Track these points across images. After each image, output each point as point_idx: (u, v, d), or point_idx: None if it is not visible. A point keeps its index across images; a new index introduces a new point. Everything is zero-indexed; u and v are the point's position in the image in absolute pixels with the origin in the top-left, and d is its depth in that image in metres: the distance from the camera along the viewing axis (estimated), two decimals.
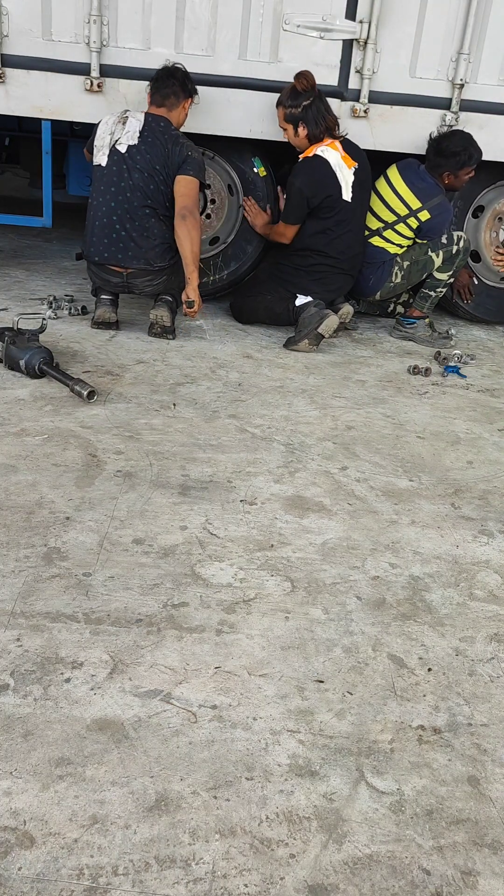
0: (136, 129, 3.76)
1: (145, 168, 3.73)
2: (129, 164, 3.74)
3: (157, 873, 1.33)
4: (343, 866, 1.38)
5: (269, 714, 1.69)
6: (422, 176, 4.23)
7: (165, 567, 2.14)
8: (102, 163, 3.80)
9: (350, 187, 4.05)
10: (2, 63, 3.96)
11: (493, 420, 3.42)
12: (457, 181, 4.23)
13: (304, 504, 2.55)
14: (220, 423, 3.08)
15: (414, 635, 1.99)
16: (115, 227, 3.79)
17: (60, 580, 2.04)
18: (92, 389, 3.08)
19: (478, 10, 4.04)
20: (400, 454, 2.98)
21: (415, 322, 4.38)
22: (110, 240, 3.81)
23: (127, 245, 3.79)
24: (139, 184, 3.74)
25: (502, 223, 4.71)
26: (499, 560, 2.36)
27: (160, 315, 3.94)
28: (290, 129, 4.04)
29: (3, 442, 2.74)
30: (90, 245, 3.87)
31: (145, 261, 3.81)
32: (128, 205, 3.76)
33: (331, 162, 4.00)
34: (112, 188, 3.78)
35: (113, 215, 3.79)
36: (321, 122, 3.99)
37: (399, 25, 4.04)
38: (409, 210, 4.24)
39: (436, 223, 4.26)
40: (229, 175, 4.47)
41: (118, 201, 3.77)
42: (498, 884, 1.38)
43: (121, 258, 3.81)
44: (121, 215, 3.78)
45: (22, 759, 1.52)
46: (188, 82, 3.86)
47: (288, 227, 4.20)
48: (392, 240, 4.31)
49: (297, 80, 3.91)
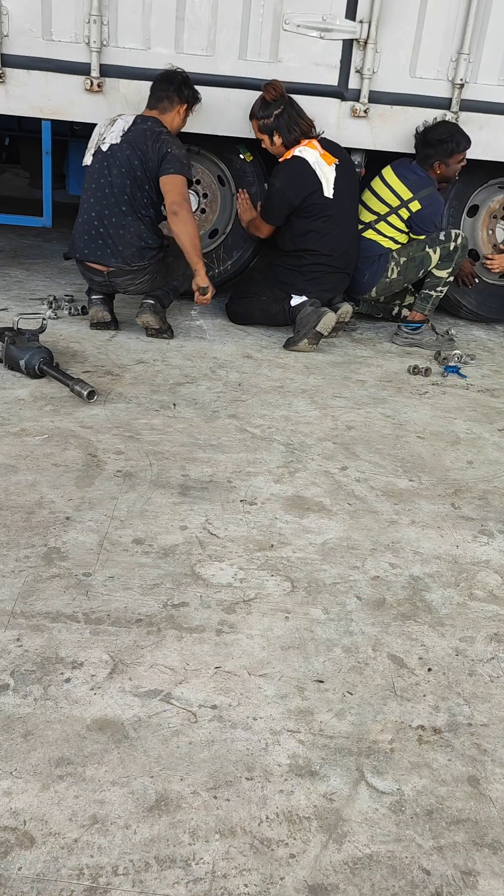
0: (120, 129, 3.76)
1: (124, 165, 3.72)
2: (110, 162, 3.74)
3: (157, 873, 1.33)
4: (343, 866, 1.38)
5: (269, 714, 1.69)
6: (413, 169, 4.23)
7: (165, 567, 2.14)
8: (88, 162, 3.84)
9: (332, 184, 4.06)
10: (2, 63, 3.96)
11: (493, 420, 3.42)
12: (448, 170, 4.22)
13: (304, 504, 2.55)
14: (220, 423, 3.08)
15: (414, 635, 1.99)
16: (93, 224, 3.80)
17: (60, 580, 2.04)
18: (92, 389, 3.08)
19: (478, 10, 4.04)
20: (400, 454, 2.98)
21: (419, 327, 4.36)
22: (90, 236, 3.81)
23: (106, 242, 3.79)
24: (117, 181, 3.73)
25: (497, 221, 4.72)
26: (499, 560, 2.36)
27: (145, 320, 3.92)
28: (266, 139, 4.10)
29: (3, 442, 2.74)
30: (73, 242, 3.89)
31: (122, 259, 3.79)
32: (106, 201, 3.76)
33: (309, 161, 4.01)
34: (93, 185, 3.79)
35: (92, 212, 3.80)
36: (294, 129, 4.03)
37: (399, 25, 4.04)
38: (400, 201, 4.23)
39: (426, 214, 4.24)
40: (217, 166, 4.48)
41: (97, 198, 3.78)
42: (498, 884, 1.38)
43: (99, 255, 3.81)
44: (99, 212, 3.78)
45: (22, 759, 1.52)
46: (185, 89, 3.84)
47: (265, 224, 4.26)
48: (384, 232, 4.30)
49: (266, 91, 3.95)
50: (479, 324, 4.95)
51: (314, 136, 4.09)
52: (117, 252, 3.79)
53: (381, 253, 4.33)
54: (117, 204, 3.75)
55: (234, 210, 4.53)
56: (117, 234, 3.77)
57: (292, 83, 4.06)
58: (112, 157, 3.73)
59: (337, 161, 4.08)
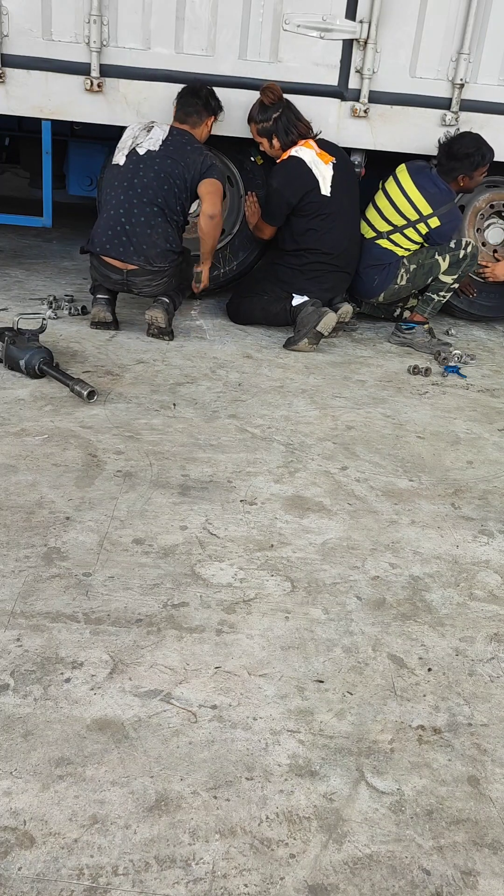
0: (159, 137, 3.82)
1: (162, 171, 3.77)
2: (146, 165, 3.78)
3: (157, 873, 1.33)
4: (343, 866, 1.38)
5: (269, 714, 1.69)
6: (434, 181, 4.21)
7: (165, 567, 2.14)
8: (120, 162, 3.85)
9: (329, 182, 4.06)
10: (2, 63, 3.96)
11: (493, 420, 3.42)
12: (471, 182, 4.23)
13: (304, 504, 2.55)
14: (220, 423, 3.08)
15: (414, 635, 1.99)
16: (120, 221, 3.80)
17: (60, 580, 2.04)
18: (92, 389, 3.08)
19: (478, 10, 4.03)
20: (400, 454, 2.98)
21: (413, 327, 4.36)
22: (114, 232, 3.81)
23: (130, 240, 3.80)
24: (153, 183, 3.77)
25: (484, 220, 4.71)
26: (499, 560, 2.36)
27: (155, 316, 3.93)
28: (265, 142, 4.12)
29: (3, 442, 2.74)
30: (94, 237, 3.89)
31: (145, 258, 3.80)
32: (137, 200, 3.78)
33: (305, 160, 4.02)
34: (124, 183, 3.81)
35: (120, 208, 3.81)
36: (293, 131, 4.04)
37: (399, 25, 4.04)
38: (419, 216, 4.23)
39: (445, 230, 4.26)
40: (228, 167, 4.48)
41: (127, 196, 3.80)
42: (498, 884, 1.38)
43: (121, 251, 3.81)
44: (128, 209, 3.79)
45: (22, 759, 1.52)
46: (212, 100, 3.95)
47: (267, 225, 4.28)
48: (400, 243, 4.31)
49: (264, 95, 3.96)
50: (479, 324, 4.95)
51: (311, 136, 4.10)
52: (141, 251, 3.80)
53: (392, 261, 4.34)
54: (149, 204, 3.78)
55: (241, 212, 4.54)
56: (144, 232, 3.79)
57: (292, 83, 4.06)
58: (150, 161, 3.78)
59: (334, 160, 4.09)
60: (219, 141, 4.34)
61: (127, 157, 3.83)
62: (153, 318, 3.94)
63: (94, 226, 3.93)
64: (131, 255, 3.81)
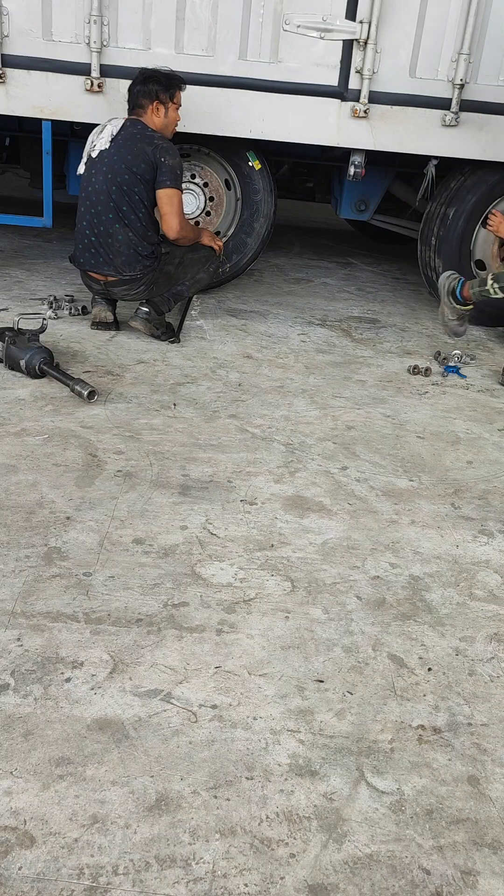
0: (109, 134, 3.71)
1: (110, 171, 3.65)
2: (97, 168, 3.70)
3: (157, 873, 1.33)
4: (343, 866, 1.38)
5: (269, 714, 1.69)
6: None
7: (165, 567, 2.15)
8: (81, 171, 3.80)
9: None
10: (2, 63, 3.96)
11: (493, 420, 3.42)
12: None
13: (304, 504, 2.55)
14: (221, 423, 3.08)
15: (414, 635, 1.99)
16: (85, 233, 3.78)
17: (61, 580, 2.04)
18: (92, 389, 3.08)
19: (478, 10, 4.03)
20: (400, 454, 2.98)
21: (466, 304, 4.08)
22: (83, 245, 3.81)
23: (98, 251, 3.77)
24: (102, 188, 3.67)
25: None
26: (499, 560, 2.36)
27: (136, 327, 3.84)
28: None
29: (3, 442, 2.74)
30: (74, 250, 3.90)
31: (114, 268, 3.76)
32: (94, 210, 3.73)
33: None
34: (83, 194, 3.77)
35: (83, 220, 3.78)
36: None
37: (399, 26, 4.04)
38: None
39: None
40: (225, 170, 4.49)
41: (86, 206, 3.76)
42: (498, 884, 1.38)
43: (94, 264, 3.80)
44: (89, 220, 3.76)
45: (22, 759, 1.52)
46: (152, 85, 3.69)
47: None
48: None
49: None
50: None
51: None
52: (109, 261, 3.76)
53: None
54: (104, 212, 3.71)
55: (237, 214, 4.54)
56: (107, 242, 3.74)
57: (292, 83, 4.06)
58: (99, 164, 3.69)
59: None
60: (215, 143, 4.35)
61: (86, 165, 3.77)
62: (135, 328, 3.86)
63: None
64: (102, 266, 3.79)
